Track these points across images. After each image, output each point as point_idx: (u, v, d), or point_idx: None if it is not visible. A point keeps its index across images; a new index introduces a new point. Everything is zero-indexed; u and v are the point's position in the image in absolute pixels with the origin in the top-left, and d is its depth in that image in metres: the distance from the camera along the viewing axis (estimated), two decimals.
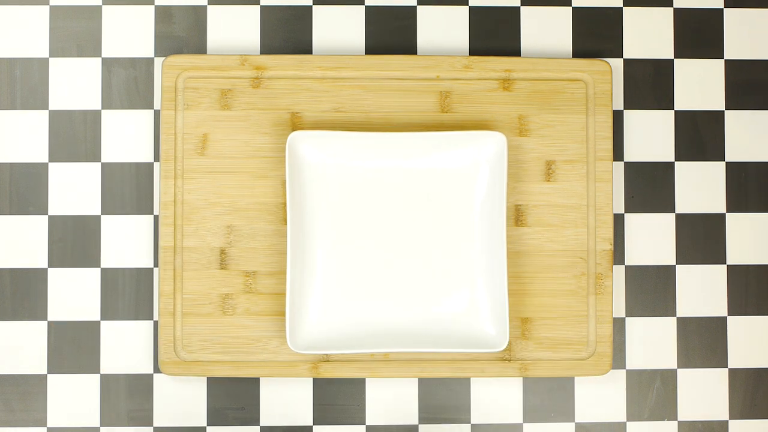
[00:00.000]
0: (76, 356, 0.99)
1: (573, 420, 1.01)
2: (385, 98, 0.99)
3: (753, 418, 1.02)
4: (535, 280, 0.99)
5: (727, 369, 1.02)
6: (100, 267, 1.00)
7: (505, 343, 0.95)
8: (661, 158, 1.02)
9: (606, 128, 0.99)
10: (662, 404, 1.01)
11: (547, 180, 0.99)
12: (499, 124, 0.99)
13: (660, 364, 1.01)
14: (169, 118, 0.98)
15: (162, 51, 1.01)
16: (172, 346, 0.97)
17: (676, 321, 1.02)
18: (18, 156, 1.00)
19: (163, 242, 0.97)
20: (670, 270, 1.02)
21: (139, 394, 0.99)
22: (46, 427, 0.99)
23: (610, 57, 1.03)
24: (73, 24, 1.01)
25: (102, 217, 1.00)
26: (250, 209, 0.98)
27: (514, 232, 0.99)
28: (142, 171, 1.00)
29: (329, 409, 1.00)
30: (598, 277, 0.99)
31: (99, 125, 1.00)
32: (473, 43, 1.02)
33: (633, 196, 1.02)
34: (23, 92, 1.00)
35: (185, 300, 0.97)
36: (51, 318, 0.99)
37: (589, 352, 0.99)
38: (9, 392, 0.99)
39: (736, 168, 1.03)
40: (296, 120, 0.99)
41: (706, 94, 1.03)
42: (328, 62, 0.99)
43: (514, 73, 0.99)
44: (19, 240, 0.99)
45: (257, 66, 0.99)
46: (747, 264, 1.02)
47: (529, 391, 1.01)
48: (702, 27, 1.03)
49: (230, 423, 0.99)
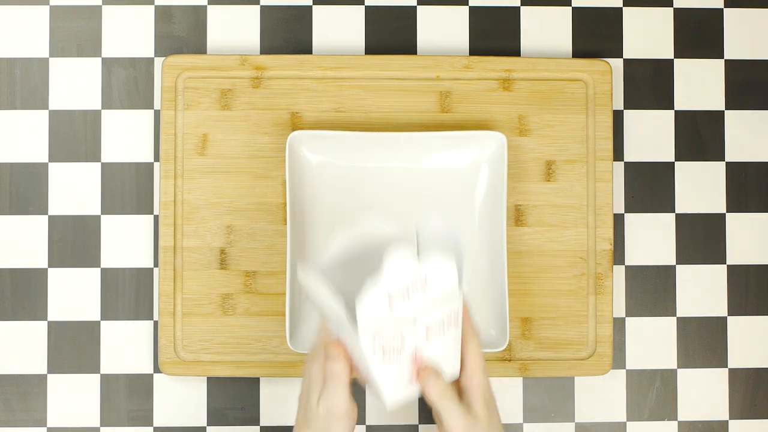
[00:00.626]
0: (76, 356, 0.99)
1: (573, 420, 1.01)
2: (385, 98, 0.99)
3: (753, 418, 1.02)
4: (535, 280, 0.99)
5: (727, 369, 1.02)
6: (100, 267, 1.00)
7: (506, 343, 0.95)
8: (661, 158, 1.02)
9: (606, 128, 1.00)
10: (662, 404, 1.01)
11: (547, 180, 0.99)
12: (499, 124, 0.99)
13: (660, 364, 1.01)
14: (169, 118, 0.98)
15: (162, 51, 1.01)
16: (172, 346, 0.97)
17: (676, 321, 1.02)
18: (18, 156, 1.00)
19: (163, 242, 0.97)
20: (670, 270, 1.02)
21: (139, 394, 0.99)
22: (46, 427, 0.99)
23: (610, 57, 1.03)
24: (73, 24, 1.01)
25: (102, 217, 1.00)
26: (250, 209, 0.98)
27: (514, 232, 0.99)
28: (142, 171, 1.00)
29: None
30: (598, 277, 0.99)
31: (99, 125, 1.00)
32: (473, 43, 1.02)
33: (633, 196, 1.02)
34: (23, 92, 1.00)
35: (185, 300, 0.97)
36: (51, 318, 0.99)
37: (589, 352, 0.99)
38: (9, 392, 0.99)
39: (736, 168, 1.03)
40: (296, 120, 0.99)
41: (706, 94, 1.03)
42: (328, 62, 0.99)
43: (514, 73, 0.99)
44: (19, 240, 0.99)
45: (257, 66, 0.99)
46: (747, 264, 1.02)
47: (529, 391, 1.01)
48: (702, 27, 1.03)
49: (230, 423, 0.99)
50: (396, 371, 0.79)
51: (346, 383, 0.80)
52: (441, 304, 0.80)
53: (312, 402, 0.81)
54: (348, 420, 0.81)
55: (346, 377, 0.80)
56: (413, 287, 0.79)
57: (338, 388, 0.80)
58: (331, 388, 0.80)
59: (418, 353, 0.80)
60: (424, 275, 0.79)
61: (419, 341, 0.80)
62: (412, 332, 0.79)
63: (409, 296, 0.79)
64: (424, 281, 0.79)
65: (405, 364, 0.80)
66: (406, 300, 0.79)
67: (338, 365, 0.80)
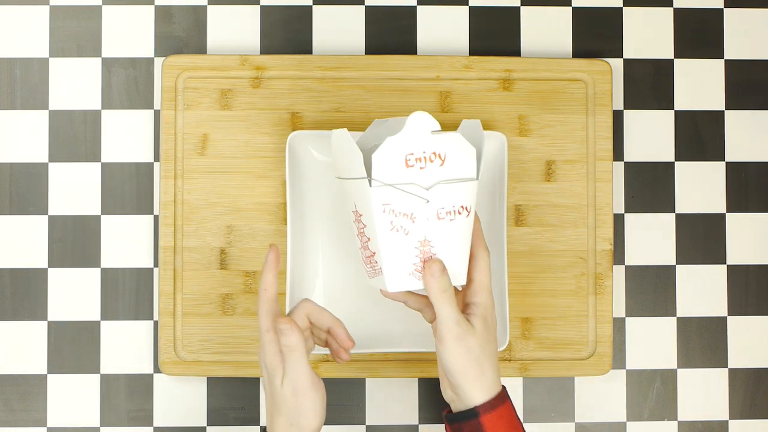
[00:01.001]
0: (76, 356, 0.99)
1: (573, 420, 1.01)
2: (385, 98, 0.99)
3: (753, 418, 1.02)
4: (535, 280, 0.99)
5: (727, 369, 1.02)
6: (100, 267, 1.00)
7: (505, 343, 0.95)
8: (661, 158, 1.02)
9: (606, 128, 0.99)
10: (662, 404, 1.01)
11: (547, 180, 0.99)
12: (499, 124, 0.99)
13: (660, 364, 1.01)
14: (169, 118, 0.98)
15: (162, 51, 1.01)
16: (172, 346, 0.97)
17: (676, 321, 1.02)
18: (18, 156, 1.00)
19: (163, 242, 0.97)
20: (670, 270, 1.02)
21: (139, 394, 0.99)
22: (46, 427, 0.99)
23: (610, 57, 1.03)
24: (73, 24, 1.01)
25: (102, 217, 1.00)
26: (250, 209, 0.98)
27: (514, 232, 0.99)
28: (142, 171, 1.00)
29: (329, 409, 1.00)
30: (598, 277, 0.99)
31: (99, 125, 1.00)
32: (473, 43, 1.02)
33: (633, 196, 1.02)
34: (23, 92, 1.00)
35: (185, 300, 0.97)
36: (51, 318, 0.99)
37: (589, 352, 0.99)
38: (9, 392, 0.99)
39: (736, 168, 1.03)
40: (296, 120, 0.99)
41: (706, 94, 1.03)
42: (328, 62, 0.99)
43: (514, 73, 0.99)
44: (19, 240, 0.99)
45: (257, 66, 0.99)
46: (747, 264, 1.02)
47: (529, 391, 1.01)
48: (702, 27, 1.03)
49: (230, 423, 0.99)
50: (402, 252, 0.79)
51: (304, 354, 0.80)
52: (456, 191, 0.80)
53: (276, 385, 0.81)
54: (315, 392, 0.80)
55: (303, 347, 0.80)
56: (432, 156, 0.79)
57: (298, 362, 0.80)
58: (292, 362, 0.80)
59: (425, 245, 0.80)
60: (444, 150, 0.79)
61: (429, 228, 0.79)
62: (423, 212, 0.79)
63: (425, 163, 0.79)
64: (443, 156, 0.79)
65: (411, 248, 0.79)
66: (422, 165, 0.79)
67: (292, 337, 0.80)
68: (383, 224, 0.79)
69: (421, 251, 0.80)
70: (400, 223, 0.79)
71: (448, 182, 0.80)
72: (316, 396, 0.80)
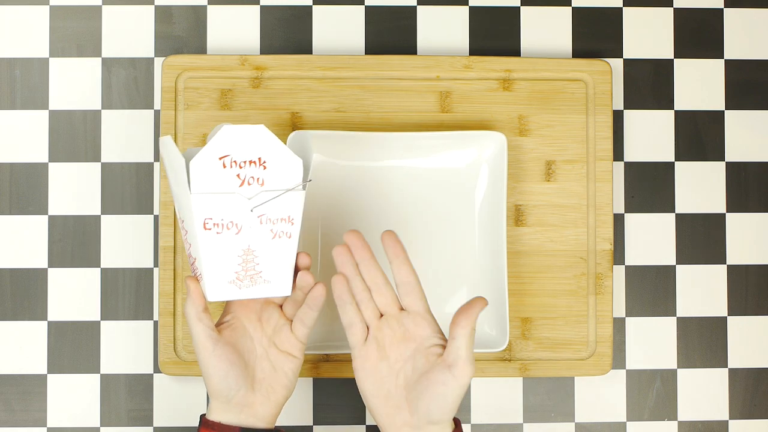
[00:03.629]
0: (76, 356, 0.99)
1: (573, 420, 1.01)
2: (385, 98, 0.99)
3: (753, 418, 1.02)
4: (535, 280, 0.99)
5: (727, 369, 1.02)
6: (100, 267, 1.00)
7: (505, 343, 0.95)
8: (661, 158, 1.02)
9: (606, 128, 1.00)
10: (662, 404, 1.01)
11: (547, 180, 0.99)
12: (499, 124, 0.99)
13: (660, 364, 1.01)
14: (169, 118, 0.98)
15: (162, 51, 1.01)
16: (172, 346, 0.97)
17: (676, 321, 1.02)
18: (18, 156, 1.00)
19: (163, 242, 0.97)
20: (670, 270, 1.02)
21: (139, 394, 0.99)
22: (46, 427, 0.99)
23: (610, 57, 1.03)
24: (73, 24, 1.01)
25: (102, 217, 1.00)
26: None
27: (514, 232, 0.99)
28: (142, 171, 1.00)
29: (329, 409, 1.00)
30: (598, 277, 0.99)
31: (99, 125, 1.00)
32: (473, 43, 1.02)
33: (633, 196, 1.02)
34: (23, 92, 1.00)
35: (185, 300, 0.97)
36: (51, 318, 0.99)
37: (589, 352, 0.99)
38: (9, 392, 0.99)
39: (736, 168, 1.03)
40: (296, 120, 0.99)
41: (706, 94, 1.03)
42: (328, 62, 0.99)
43: (514, 73, 0.99)
44: (19, 240, 0.99)
45: (257, 66, 0.99)
46: (747, 264, 1.02)
47: (529, 391, 1.01)
48: (702, 27, 1.03)
49: None
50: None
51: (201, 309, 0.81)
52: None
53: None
54: (221, 348, 0.82)
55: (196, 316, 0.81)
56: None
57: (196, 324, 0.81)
58: (191, 326, 0.82)
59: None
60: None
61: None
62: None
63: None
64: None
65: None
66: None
67: (189, 304, 0.82)
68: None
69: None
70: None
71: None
72: (223, 351, 0.82)
